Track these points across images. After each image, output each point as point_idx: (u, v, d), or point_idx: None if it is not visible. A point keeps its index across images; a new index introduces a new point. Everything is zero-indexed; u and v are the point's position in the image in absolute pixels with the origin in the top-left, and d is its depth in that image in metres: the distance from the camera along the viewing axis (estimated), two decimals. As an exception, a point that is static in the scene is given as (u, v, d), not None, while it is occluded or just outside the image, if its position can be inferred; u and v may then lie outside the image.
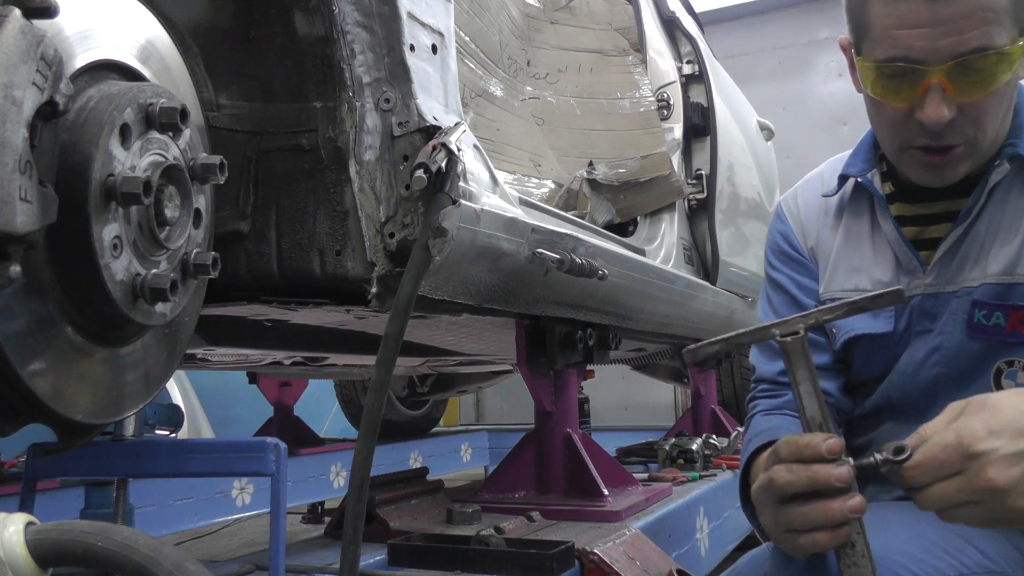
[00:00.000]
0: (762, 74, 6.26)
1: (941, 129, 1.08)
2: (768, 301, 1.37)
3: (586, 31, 2.89)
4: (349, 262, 1.27)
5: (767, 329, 0.98)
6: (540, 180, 2.58)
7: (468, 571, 1.51)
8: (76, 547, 0.69)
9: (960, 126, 1.08)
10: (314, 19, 1.26)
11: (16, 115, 0.77)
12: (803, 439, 0.93)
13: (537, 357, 2.07)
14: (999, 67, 1.05)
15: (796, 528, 0.93)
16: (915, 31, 1.05)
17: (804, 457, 0.91)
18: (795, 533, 0.93)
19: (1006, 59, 1.05)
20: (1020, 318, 1.13)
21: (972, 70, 1.05)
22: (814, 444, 0.91)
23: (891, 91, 1.10)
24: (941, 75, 1.05)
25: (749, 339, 1.02)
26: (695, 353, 1.02)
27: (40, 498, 1.38)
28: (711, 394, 3.53)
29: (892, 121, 1.14)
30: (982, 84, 1.06)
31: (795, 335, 0.95)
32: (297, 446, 3.42)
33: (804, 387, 0.95)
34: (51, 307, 0.90)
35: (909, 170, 1.18)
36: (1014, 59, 1.06)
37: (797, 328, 0.96)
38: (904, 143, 1.14)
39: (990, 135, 1.11)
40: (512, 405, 6.43)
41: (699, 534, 2.27)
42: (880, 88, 1.11)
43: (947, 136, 1.09)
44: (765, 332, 0.98)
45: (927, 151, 1.12)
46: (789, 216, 1.38)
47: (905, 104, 1.10)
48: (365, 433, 1.12)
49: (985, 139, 1.11)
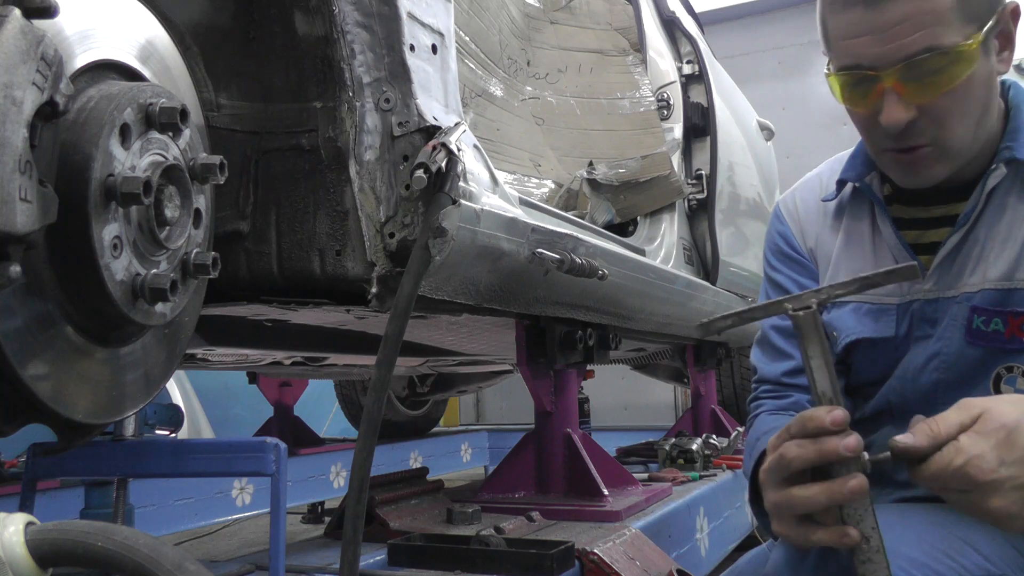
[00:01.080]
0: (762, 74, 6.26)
1: (902, 131, 1.09)
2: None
3: (586, 31, 2.89)
4: (349, 262, 1.27)
5: (780, 303, 0.97)
6: (540, 180, 2.58)
7: (468, 571, 1.51)
8: (76, 547, 0.69)
9: (923, 127, 1.09)
10: (314, 19, 1.26)
11: (16, 115, 0.77)
12: (807, 412, 0.92)
13: (537, 357, 2.07)
14: (954, 66, 1.06)
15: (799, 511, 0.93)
16: (861, 39, 1.08)
17: (809, 430, 0.91)
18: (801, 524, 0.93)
19: (960, 57, 1.05)
20: (1019, 324, 1.12)
21: (923, 71, 1.06)
22: (818, 416, 0.91)
23: (855, 98, 1.13)
24: (892, 79, 1.07)
25: (762, 313, 1.02)
26: (708, 327, 1.03)
27: (40, 498, 1.38)
28: (711, 394, 3.54)
29: (863, 127, 1.17)
30: (936, 85, 1.06)
31: (807, 309, 0.95)
32: (297, 446, 3.42)
33: (816, 362, 0.94)
34: (51, 307, 0.90)
35: (889, 172, 1.20)
36: (970, 56, 1.05)
37: (810, 303, 0.96)
38: (877, 147, 1.17)
39: (960, 134, 1.11)
40: (512, 405, 6.43)
41: (699, 534, 2.27)
42: (847, 96, 1.14)
43: (909, 137, 1.10)
44: (778, 306, 0.98)
45: (895, 152, 1.13)
46: (788, 217, 1.38)
47: (868, 110, 1.12)
48: (365, 433, 1.12)
49: (953, 138, 1.11)
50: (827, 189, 1.33)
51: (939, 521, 1.04)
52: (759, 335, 1.38)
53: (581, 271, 1.71)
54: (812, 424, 0.91)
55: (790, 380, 1.30)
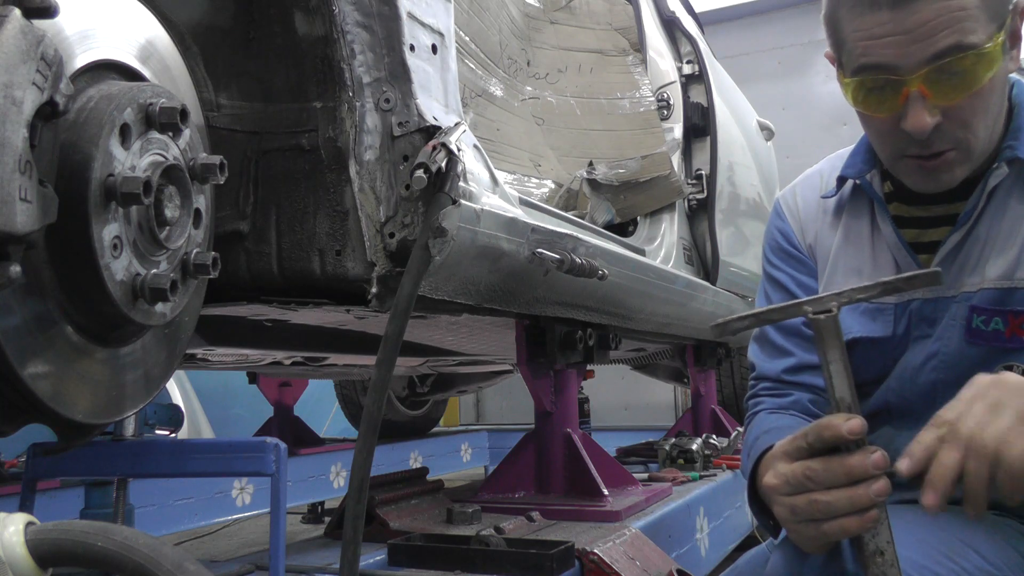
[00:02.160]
0: (762, 74, 6.26)
1: (928, 136, 1.06)
2: (766, 298, 1.36)
3: (586, 31, 2.89)
4: (349, 262, 1.27)
5: (799, 306, 0.95)
6: (540, 180, 2.58)
7: (468, 571, 1.51)
8: (76, 547, 0.69)
9: (948, 130, 1.06)
10: (314, 19, 1.26)
11: (16, 115, 0.77)
12: (824, 421, 0.91)
13: (537, 357, 2.07)
14: (978, 67, 1.03)
15: (819, 517, 0.92)
16: (885, 40, 1.04)
17: (826, 440, 0.90)
18: (817, 522, 0.92)
19: (984, 57, 1.02)
20: (1020, 323, 1.12)
21: (950, 73, 1.03)
22: (835, 425, 0.90)
23: (873, 103, 1.09)
24: (919, 82, 1.03)
25: (780, 316, 1.00)
26: (723, 327, 1.00)
27: (40, 498, 1.38)
28: (711, 394, 3.53)
29: (880, 132, 1.13)
30: (963, 86, 1.03)
31: (828, 313, 0.93)
32: (297, 446, 3.42)
33: (835, 367, 0.93)
34: (51, 307, 0.90)
35: (906, 179, 1.17)
36: (993, 56, 1.03)
37: (830, 306, 0.94)
38: (896, 153, 1.13)
39: (982, 135, 1.09)
40: (512, 405, 6.43)
41: (699, 534, 2.27)
42: (862, 101, 1.10)
43: (936, 143, 1.07)
44: (797, 309, 0.96)
45: (919, 158, 1.10)
46: (788, 213, 1.37)
47: (889, 115, 1.08)
48: (365, 433, 1.12)
49: (977, 140, 1.09)
50: (827, 186, 1.32)
51: (939, 523, 1.04)
52: (757, 332, 1.37)
53: (581, 271, 1.71)
54: (829, 433, 0.90)
55: (790, 378, 1.29)
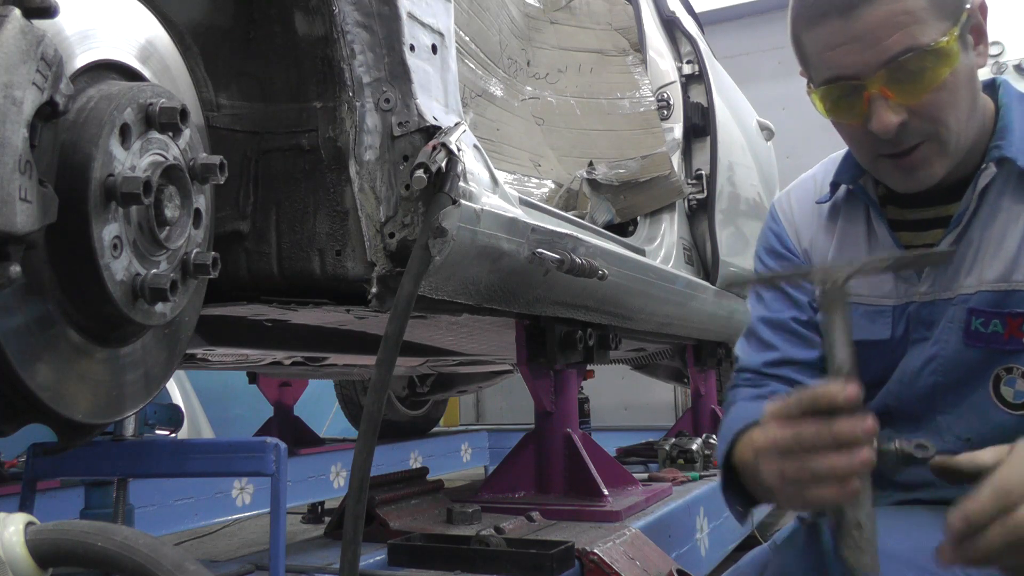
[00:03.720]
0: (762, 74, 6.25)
1: (896, 134, 1.09)
2: (759, 298, 1.36)
3: (586, 31, 2.89)
4: (349, 262, 1.27)
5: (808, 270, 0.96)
6: (540, 180, 2.58)
7: (468, 571, 1.51)
8: (76, 547, 0.69)
9: (915, 126, 1.09)
10: (314, 19, 1.26)
11: (16, 115, 0.77)
12: (820, 387, 0.89)
13: (537, 357, 2.07)
14: (936, 64, 1.06)
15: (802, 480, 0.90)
16: (841, 49, 1.08)
17: (820, 407, 0.88)
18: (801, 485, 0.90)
19: (939, 55, 1.05)
20: (1018, 325, 1.12)
21: (907, 72, 1.06)
22: (831, 392, 0.87)
23: (842, 110, 1.13)
24: (878, 84, 1.07)
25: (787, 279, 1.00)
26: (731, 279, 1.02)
27: (40, 498, 1.38)
28: (711, 394, 3.53)
29: (853, 138, 1.17)
30: (922, 84, 1.07)
31: (835, 282, 0.94)
32: (297, 446, 3.42)
33: (837, 335, 0.92)
34: (51, 307, 0.90)
35: (887, 180, 1.19)
36: (948, 52, 1.06)
37: (839, 275, 0.94)
38: (871, 155, 1.16)
39: (953, 128, 1.11)
40: (512, 405, 6.42)
41: (699, 534, 2.27)
42: (832, 109, 1.14)
43: (905, 139, 1.10)
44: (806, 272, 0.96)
45: (894, 157, 1.13)
46: (783, 217, 1.37)
47: (858, 120, 1.12)
48: (365, 433, 1.12)
49: (948, 132, 1.10)
50: (821, 190, 1.32)
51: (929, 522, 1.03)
52: (747, 328, 1.37)
53: (581, 271, 1.71)
54: (824, 401, 0.87)
55: (770, 371, 1.29)
